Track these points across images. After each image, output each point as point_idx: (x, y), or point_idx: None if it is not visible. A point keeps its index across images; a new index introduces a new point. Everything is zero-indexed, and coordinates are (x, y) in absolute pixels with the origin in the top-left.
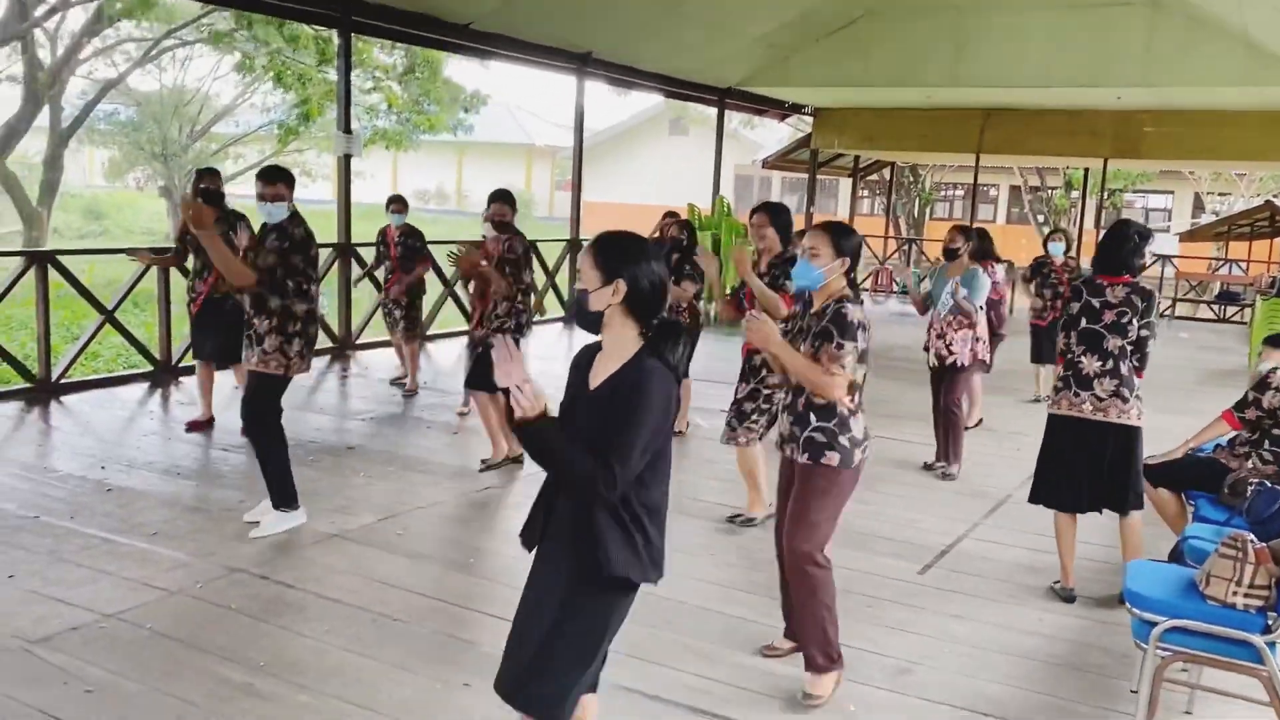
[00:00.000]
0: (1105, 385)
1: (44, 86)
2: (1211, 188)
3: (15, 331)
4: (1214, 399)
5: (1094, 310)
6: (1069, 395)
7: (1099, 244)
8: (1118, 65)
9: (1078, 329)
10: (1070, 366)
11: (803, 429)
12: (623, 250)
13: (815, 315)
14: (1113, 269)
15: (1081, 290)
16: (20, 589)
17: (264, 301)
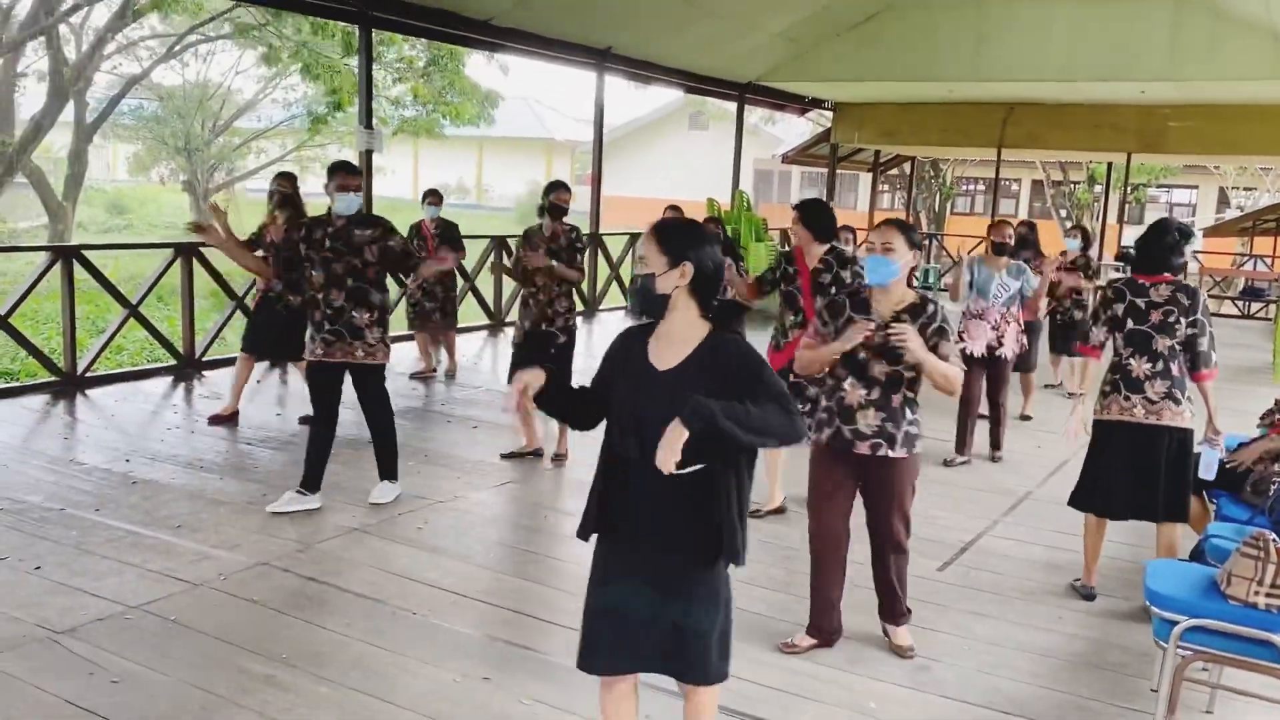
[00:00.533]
0: (1156, 387)
1: (69, 82)
2: (1236, 182)
3: (42, 325)
4: (1238, 396)
5: (1140, 311)
6: (1119, 399)
7: (1138, 242)
8: (1141, 59)
9: (1124, 330)
10: (1118, 369)
11: (898, 425)
12: (686, 234)
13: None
14: (1152, 268)
15: (1125, 291)
16: (47, 580)
17: (366, 296)
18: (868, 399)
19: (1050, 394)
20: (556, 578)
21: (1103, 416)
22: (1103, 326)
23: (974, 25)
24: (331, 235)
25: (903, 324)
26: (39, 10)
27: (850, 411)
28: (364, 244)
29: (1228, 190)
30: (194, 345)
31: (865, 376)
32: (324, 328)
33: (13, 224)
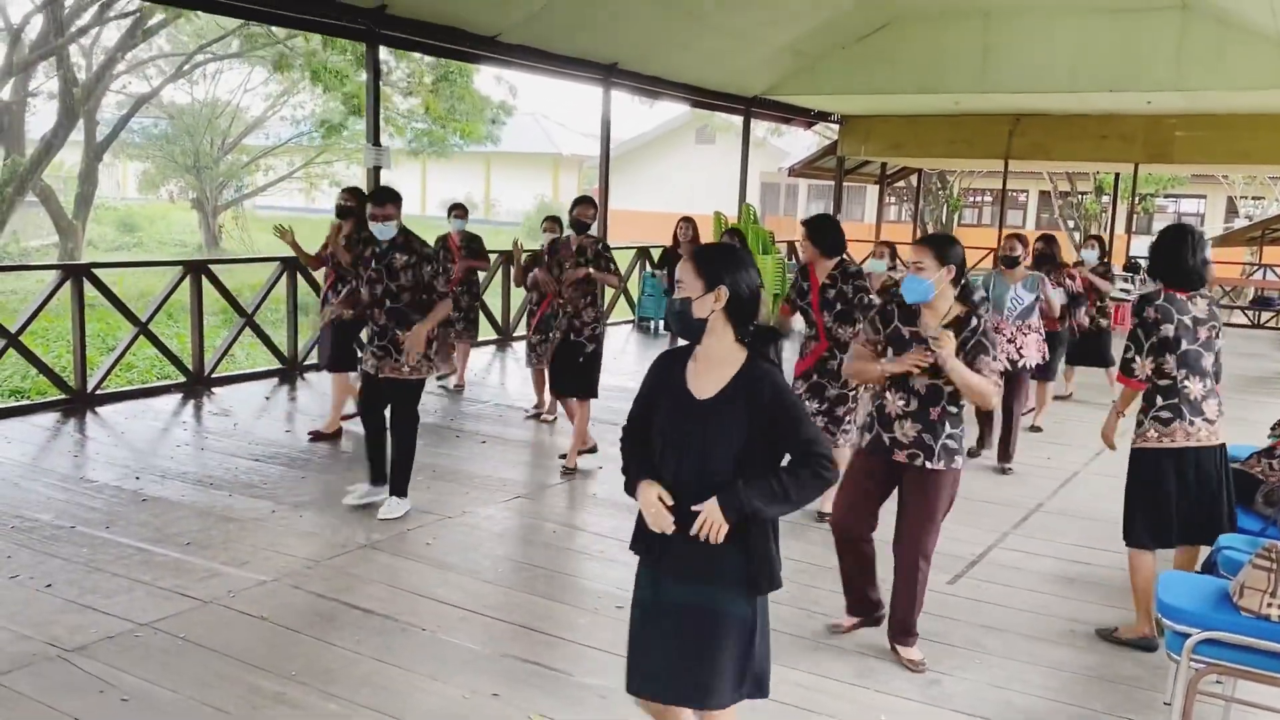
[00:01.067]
0: (1212, 406)
1: (79, 101)
2: (1245, 192)
3: (52, 343)
4: (1249, 406)
5: (1189, 329)
6: (1183, 425)
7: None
8: (1148, 69)
9: (1177, 352)
10: (1174, 393)
11: (937, 438)
12: (722, 258)
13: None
14: (1186, 283)
15: (1170, 310)
16: (58, 598)
17: (406, 317)
18: (905, 409)
19: (1059, 405)
20: (565, 593)
21: (1164, 445)
22: (1149, 355)
23: (980, 37)
24: (377, 257)
25: (943, 333)
26: (49, 31)
27: (889, 420)
28: (400, 269)
29: (1236, 200)
30: (204, 362)
31: (905, 388)
32: (373, 343)
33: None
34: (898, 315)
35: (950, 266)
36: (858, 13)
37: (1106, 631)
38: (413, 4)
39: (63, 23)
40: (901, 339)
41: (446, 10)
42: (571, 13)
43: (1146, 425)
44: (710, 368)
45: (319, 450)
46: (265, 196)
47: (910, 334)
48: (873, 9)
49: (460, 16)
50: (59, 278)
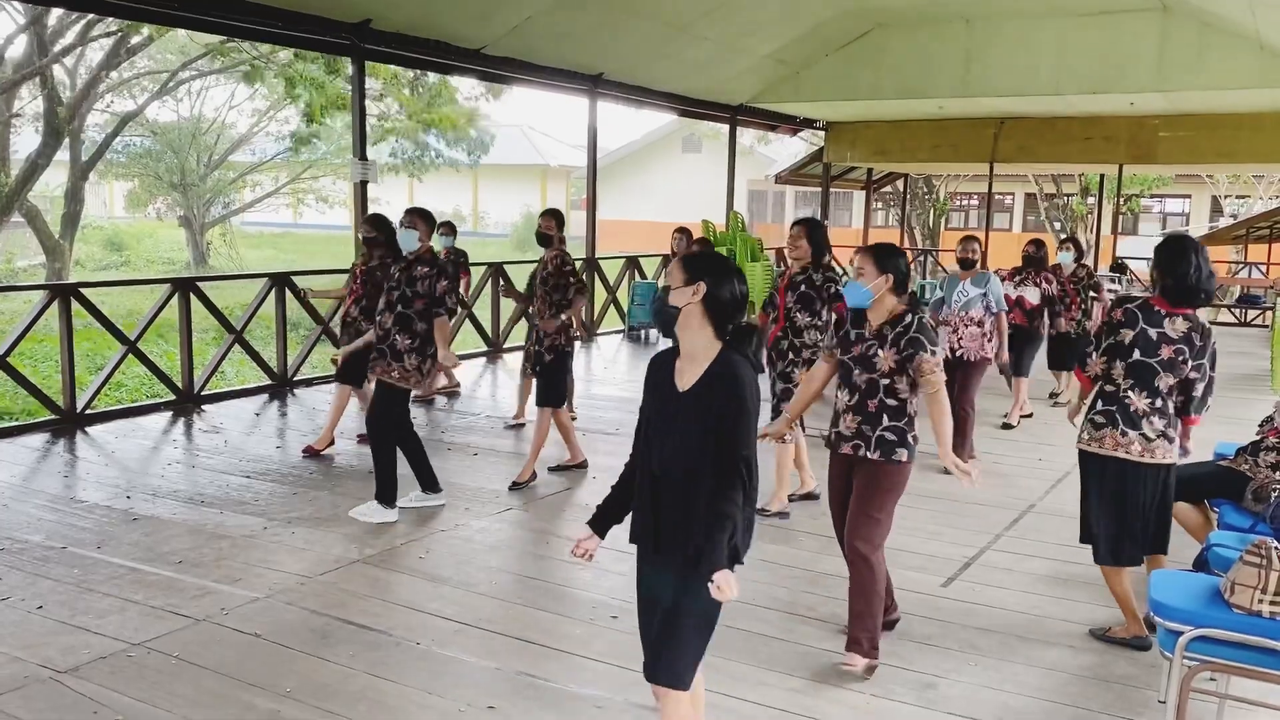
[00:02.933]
0: (1155, 424)
1: (64, 121)
2: (1229, 190)
3: (40, 364)
4: (1236, 404)
5: (1151, 342)
6: (1114, 433)
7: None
8: (1130, 71)
9: (1128, 360)
10: (1114, 401)
11: (874, 428)
12: (708, 262)
13: (881, 331)
14: (1180, 299)
15: (1137, 317)
16: (49, 619)
17: (410, 323)
18: (848, 404)
19: (1048, 408)
20: (560, 604)
21: (1092, 449)
22: (1103, 355)
23: (963, 42)
24: (402, 269)
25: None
26: (33, 51)
27: (838, 415)
28: (420, 279)
29: (1220, 199)
30: (193, 380)
31: (849, 383)
32: (377, 346)
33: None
34: (848, 319)
35: (888, 275)
36: (841, 20)
37: (1099, 631)
38: (397, 18)
39: (46, 42)
40: (849, 339)
41: (431, 23)
42: (556, 24)
43: (1083, 426)
44: (691, 363)
45: (310, 466)
46: (253, 213)
47: (856, 335)
48: (855, 16)
49: (444, 29)
50: (46, 298)
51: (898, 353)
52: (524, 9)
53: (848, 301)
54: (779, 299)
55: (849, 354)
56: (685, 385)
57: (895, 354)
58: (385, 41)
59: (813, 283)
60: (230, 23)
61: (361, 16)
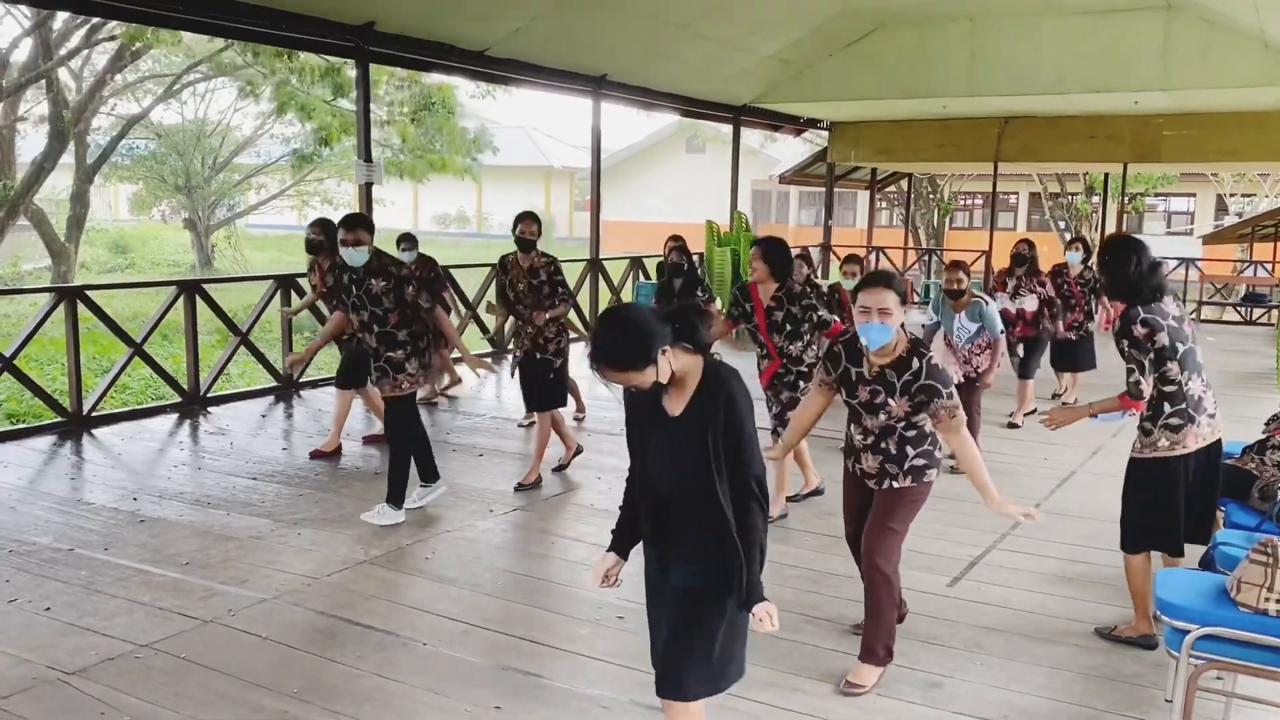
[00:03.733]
0: (1210, 401)
1: (69, 124)
2: (1234, 189)
3: (47, 366)
4: (1242, 402)
5: (1179, 330)
6: (1194, 429)
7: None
8: (1134, 69)
9: (1177, 357)
10: (1181, 399)
11: (901, 464)
12: (645, 333)
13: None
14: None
15: (1157, 320)
16: (57, 621)
17: (393, 338)
18: (865, 444)
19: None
20: (566, 605)
21: (1176, 452)
22: (1151, 371)
23: (966, 41)
24: (355, 283)
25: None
26: (38, 55)
27: (856, 451)
28: (380, 294)
29: (1225, 197)
30: (199, 382)
31: (861, 425)
32: (374, 364)
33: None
34: (844, 355)
35: (906, 307)
36: (844, 19)
37: (1105, 630)
38: (401, 20)
39: (51, 46)
40: (850, 379)
41: (435, 26)
42: (559, 26)
43: (1156, 434)
44: (680, 389)
45: (316, 468)
46: (257, 215)
47: (857, 375)
48: (859, 15)
49: (448, 32)
50: (52, 300)
51: (910, 400)
52: (527, 10)
53: (870, 344)
54: (764, 337)
55: (855, 398)
56: (676, 410)
57: (908, 402)
58: (389, 44)
59: (794, 317)
60: (234, 25)
61: (365, 19)
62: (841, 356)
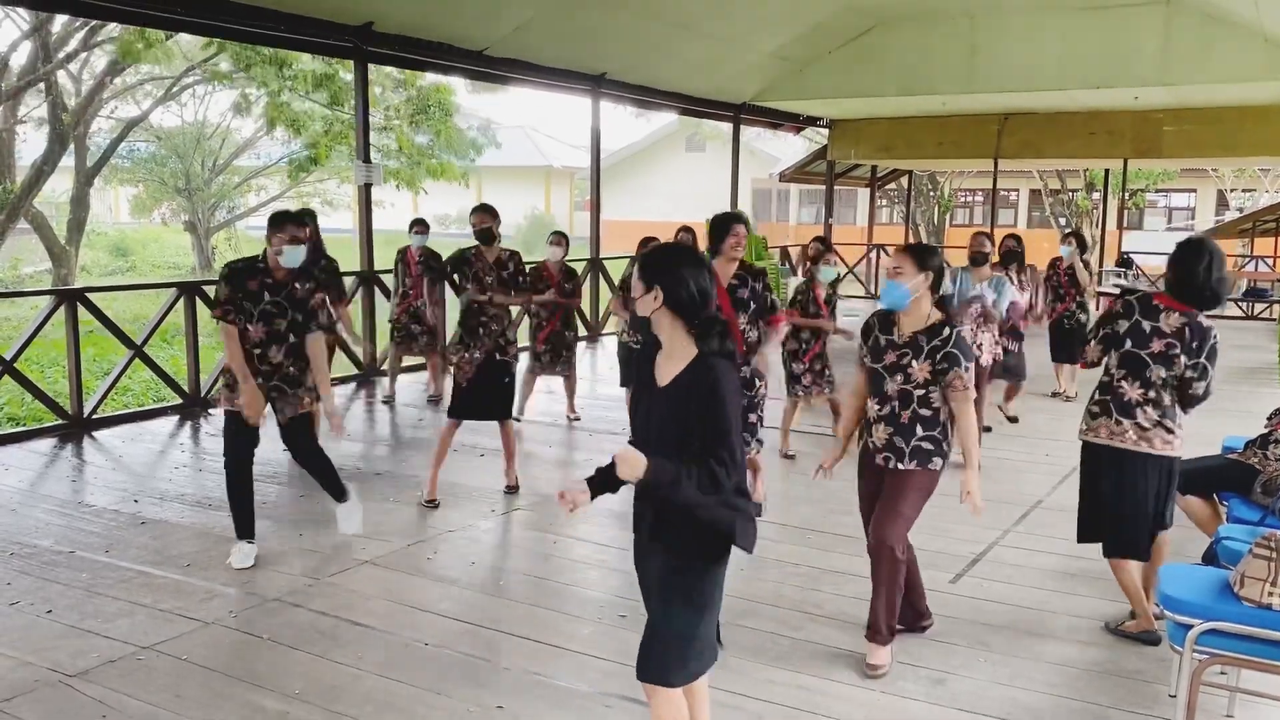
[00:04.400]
0: (1149, 414)
1: (69, 127)
2: (1235, 184)
3: (47, 369)
4: (1243, 397)
5: (1143, 334)
6: (1108, 422)
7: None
8: (1134, 65)
9: (1120, 350)
10: (1108, 390)
11: (908, 441)
12: (659, 261)
13: (916, 340)
14: (1182, 296)
15: (1134, 308)
16: (58, 623)
17: (303, 350)
18: (879, 414)
19: (1056, 402)
20: (568, 604)
21: (1088, 438)
22: (1099, 343)
23: (966, 37)
24: (271, 287)
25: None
26: (37, 58)
27: (869, 424)
28: (301, 299)
29: (1226, 192)
30: (199, 384)
31: (880, 392)
32: (268, 385)
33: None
34: (878, 325)
35: (928, 273)
36: (843, 17)
37: (1113, 625)
38: (399, 20)
39: (50, 49)
40: (879, 345)
41: (433, 26)
42: (558, 25)
43: (1082, 418)
44: (669, 359)
45: None
46: (258, 217)
47: (886, 341)
48: (858, 13)
49: (447, 32)
50: (53, 303)
51: (932, 365)
52: (526, 9)
53: (883, 303)
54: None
55: (880, 362)
56: (663, 381)
57: (930, 366)
58: (387, 44)
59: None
60: (233, 26)
61: (364, 19)
62: (875, 326)
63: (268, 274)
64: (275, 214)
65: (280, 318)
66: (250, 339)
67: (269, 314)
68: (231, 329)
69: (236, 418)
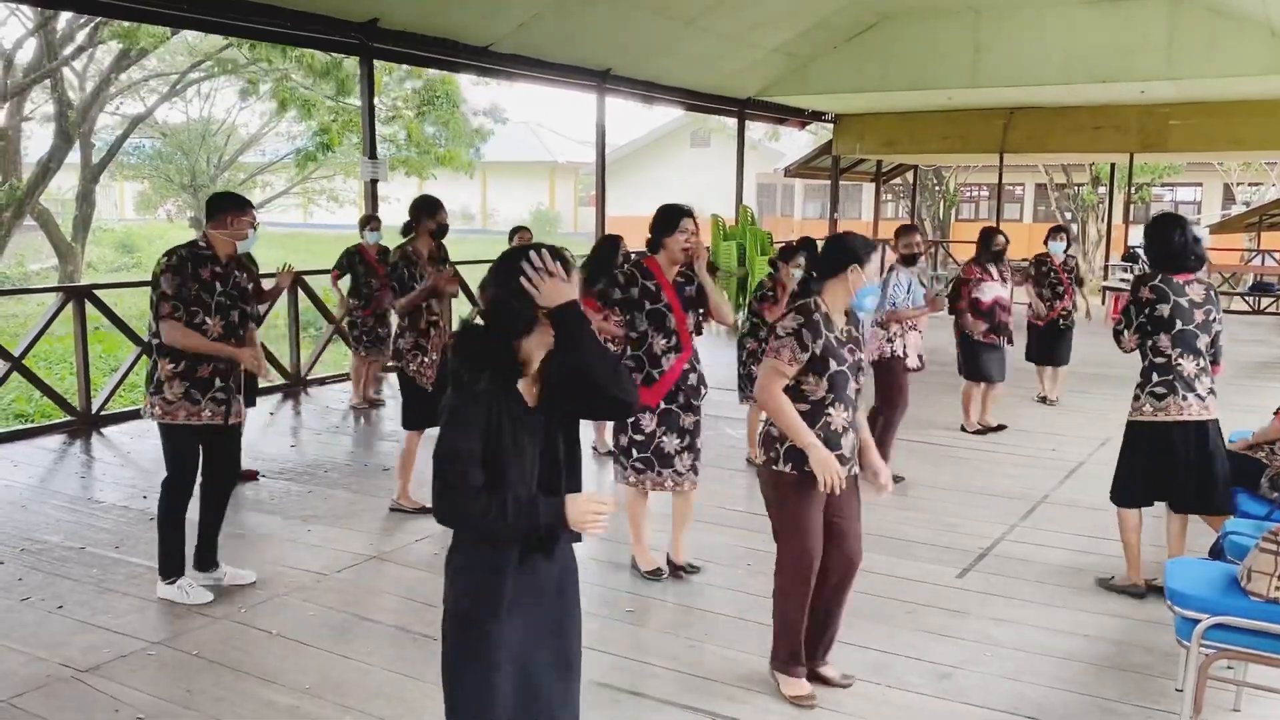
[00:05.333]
0: (1205, 383)
1: (74, 124)
2: (1241, 178)
3: (55, 366)
4: (1251, 391)
5: (1186, 311)
6: (1176, 400)
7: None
8: (1140, 59)
9: (1172, 332)
10: (1169, 370)
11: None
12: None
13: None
14: (1179, 266)
15: (1167, 292)
16: (69, 619)
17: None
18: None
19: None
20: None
21: (1158, 419)
22: (1137, 330)
23: (971, 32)
24: (220, 276)
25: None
26: (42, 55)
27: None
28: (247, 286)
29: (1232, 186)
30: None
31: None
32: (215, 389)
33: (23, 266)
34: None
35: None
36: (848, 12)
37: (1105, 580)
38: (405, 17)
39: (55, 46)
40: (834, 345)
41: (438, 22)
42: (563, 21)
43: (1143, 400)
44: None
45: (325, 464)
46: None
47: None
48: (863, 8)
49: (452, 28)
50: (60, 300)
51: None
52: (531, 5)
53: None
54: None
55: (844, 363)
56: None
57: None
58: (393, 40)
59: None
60: (238, 23)
61: (369, 16)
62: (821, 325)
63: (215, 261)
64: (228, 194)
65: (233, 309)
66: (208, 335)
67: (224, 306)
68: (179, 324)
69: (200, 431)
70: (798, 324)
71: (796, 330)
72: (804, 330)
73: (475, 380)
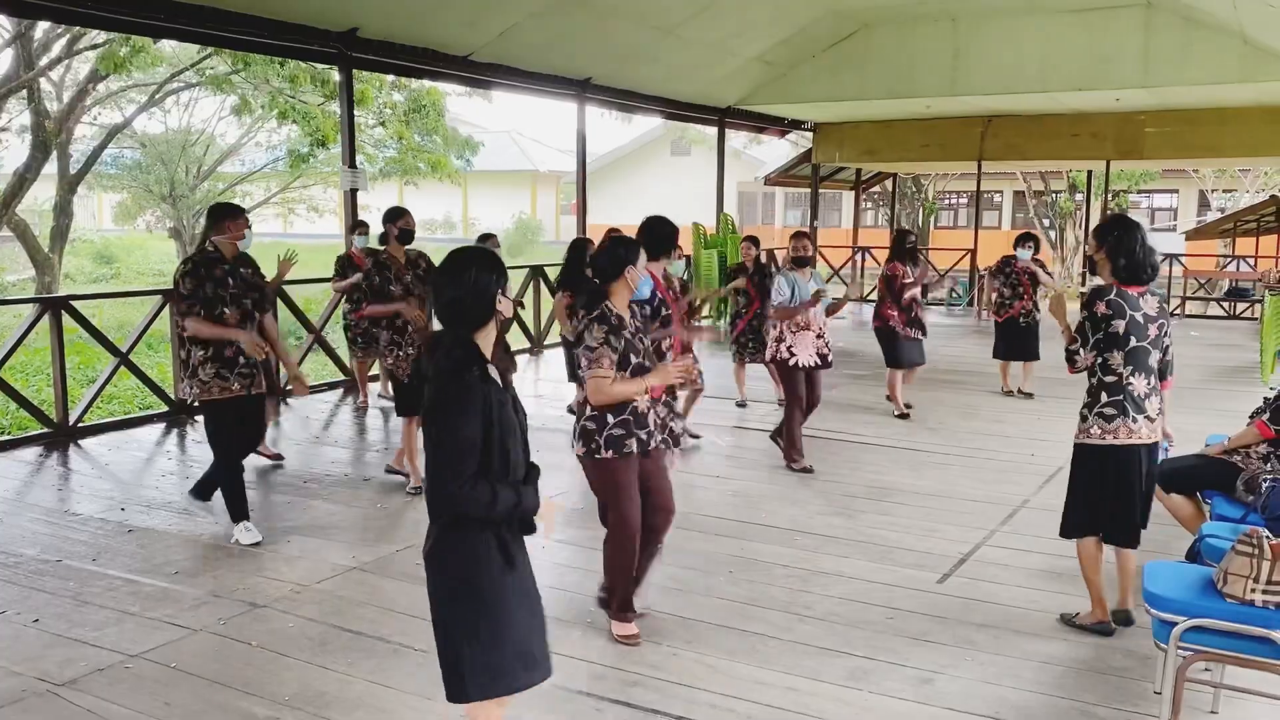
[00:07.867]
0: (1154, 403)
1: (51, 134)
2: (1216, 185)
3: (32, 377)
4: (1226, 397)
5: (1140, 326)
6: (1126, 422)
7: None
8: (1115, 67)
9: (1126, 349)
10: (1119, 390)
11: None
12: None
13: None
14: (1138, 278)
15: (1123, 306)
16: (45, 632)
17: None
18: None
19: (1037, 403)
20: (556, 607)
21: (1107, 441)
22: (1092, 349)
23: (949, 41)
24: (229, 272)
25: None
26: (19, 65)
27: (642, 415)
28: (254, 279)
29: (1207, 193)
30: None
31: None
32: (243, 364)
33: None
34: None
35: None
36: (827, 21)
37: (1069, 616)
38: (384, 26)
39: (33, 56)
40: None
41: (418, 31)
42: (543, 30)
43: (1090, 421)
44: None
45: (304, 475)
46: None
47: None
48: (841, 17)
49: (432, 37)
50: (37, 311)
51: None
52: (511, 14)
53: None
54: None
55: (640, 355)
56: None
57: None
58: (373, 49)
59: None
60: (218, 33)
61: (349, 25)
62: (619, 327)
63: (223, 261)
64: (225, 205)
65: (244, 298)
66: (227, 323)
67: (237, 296)
68: (196, 318)
69: (233, 404)
70: (604, 333)
71: (605, 339)
72: (610, 337)
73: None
